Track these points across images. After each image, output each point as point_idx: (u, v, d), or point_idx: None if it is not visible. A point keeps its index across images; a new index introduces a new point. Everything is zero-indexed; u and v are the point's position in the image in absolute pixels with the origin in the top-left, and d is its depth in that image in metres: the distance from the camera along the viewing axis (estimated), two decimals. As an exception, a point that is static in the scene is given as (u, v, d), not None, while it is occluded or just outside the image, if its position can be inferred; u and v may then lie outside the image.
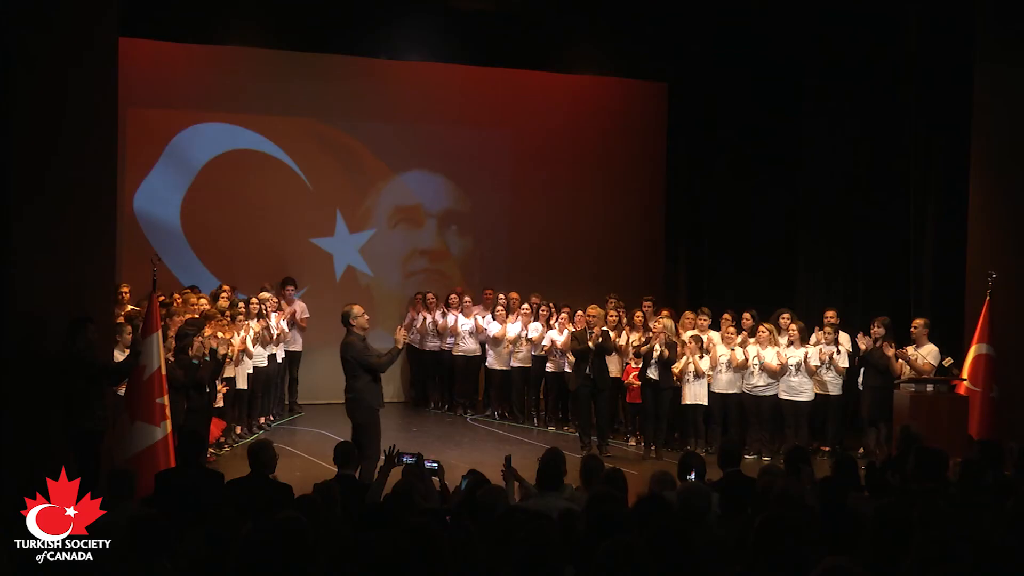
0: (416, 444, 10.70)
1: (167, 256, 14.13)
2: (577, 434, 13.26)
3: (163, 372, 9.36)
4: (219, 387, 11.45)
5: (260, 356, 13.07)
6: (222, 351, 11.00)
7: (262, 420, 13.49)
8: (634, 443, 13.25)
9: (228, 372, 11.95)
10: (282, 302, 14.20)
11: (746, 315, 13.06)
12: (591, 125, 16.81)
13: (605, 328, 12.62)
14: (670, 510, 5.74)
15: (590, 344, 12.45)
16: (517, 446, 12.34)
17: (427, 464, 7.63)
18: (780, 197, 15.22)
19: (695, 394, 12.74)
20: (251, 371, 12.80)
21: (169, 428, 9.26)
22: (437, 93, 16.07)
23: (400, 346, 10.15)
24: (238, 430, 12.74)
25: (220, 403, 11.63)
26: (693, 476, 7.28)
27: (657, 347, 12.46)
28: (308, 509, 5.72)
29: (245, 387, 12.66)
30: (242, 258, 15.10)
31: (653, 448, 12.60)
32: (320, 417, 14.32)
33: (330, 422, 13.89)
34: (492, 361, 14.83)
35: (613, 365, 13.08)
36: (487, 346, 14.92)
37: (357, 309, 10.07)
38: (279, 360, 13.81)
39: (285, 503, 6.44)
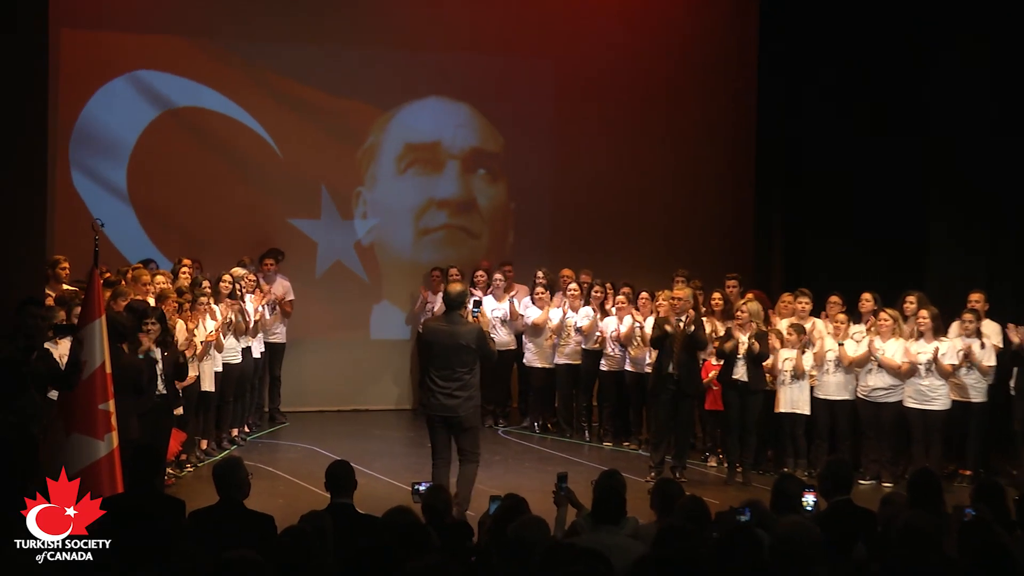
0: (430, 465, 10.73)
1: (109, 226, 14.16)
2: (643, 451, 13.24)
3: (108, 370, 9.36)
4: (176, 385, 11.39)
5: (232, 350, 13.07)
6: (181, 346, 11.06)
7: (234, 432, 13.52)
8: (714, 463, 13.21)
9: (192, 370, 11.95)
10: (261, 280, 14.21)
11: (865, 296, 12.97)
12: (658, 51, 16.74)
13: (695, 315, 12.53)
14: (761, 550, 5.70)
15: (667, 330, 12.33)
16: (564, 467, 12.29)
17: (421, 487, 7.62)
18: (905, 146, 15.06)
19: (794, 400, 12.69)
20: (220, 369, 12.79)
21: (115, 442, 9.26)
22: (454, 12, 16.08)
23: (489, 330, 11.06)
24: (204, 444, 12.77)
25: (180, 410, 11.65)
26: (812, 502, 7.22)
27: (743, 339, 12.39)
28: (294, 545, 5.72)
29: (212, 389, 12.64)
30: (205, 231, 15.24)
31: (739, 470, 12.56)
32: (309, 429, 14.37)
33: (321, 435, 13.95)
34: (531, 357, 14.83)
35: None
36: (524, 337, 14.92)
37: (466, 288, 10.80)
38: (257, 355, 13.84)
39: (265, 538, 6.44)
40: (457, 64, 16.18)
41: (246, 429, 13.92)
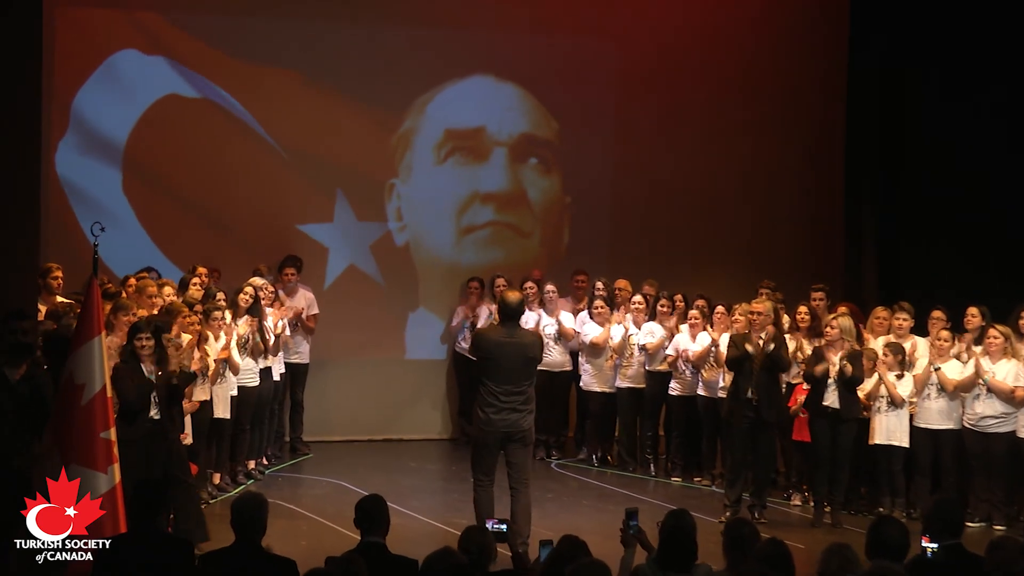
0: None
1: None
2: (717, 488, 13.22)
3: (109, 394, 9.40)
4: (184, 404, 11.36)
5: (249, 371, 13.11)
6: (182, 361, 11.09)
7: (251, 464, 13.57)
8: (799, 502, 13.17)
9: (201, 394, 12.02)
10: (280, 292, 14.25)
11: (971, 311, 12.88)
12: (734, 30, 16.79)
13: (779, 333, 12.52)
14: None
15: (747, 349, 12.27)
16: (627, 504, 12.27)
17: (489, 526, 7.64)
18: (1021, 138, 14.97)
19: (891, 430, 12.63)
20: (235, 393, 12.84)
21: (118, 475, 9.29)
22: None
23: None
24: (216, 479, 12.82)
25: (188, 439, 11.69)
26: (932, 548, 7.17)
27: (835, 361, 12.33)
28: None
29: (226, 416, 12.70)
30: (210, 233, 15.32)
31: (827, 509, 12.51)
32: (335, 461, 14.39)
33: (350, 468, 13.97)
34: (589, 380, 14.80)
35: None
36: (580, 358, 14.91)
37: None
38: (276, 377, 13.88)
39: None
40: (504, 41, 16.23)
41: (264, 461, 13.97)
